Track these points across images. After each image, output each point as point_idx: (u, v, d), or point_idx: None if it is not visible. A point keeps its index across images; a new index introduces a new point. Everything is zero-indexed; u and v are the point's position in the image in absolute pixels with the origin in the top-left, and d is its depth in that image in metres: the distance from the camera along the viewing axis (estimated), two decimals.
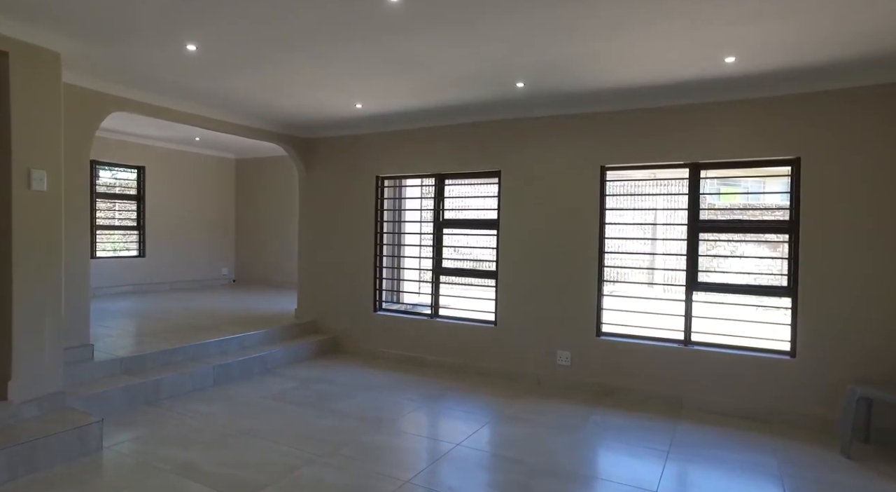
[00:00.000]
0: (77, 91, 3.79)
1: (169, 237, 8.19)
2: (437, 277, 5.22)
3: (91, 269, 7.24)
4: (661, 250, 7.00)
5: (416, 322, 5.27)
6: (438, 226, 5.21)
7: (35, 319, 3.11)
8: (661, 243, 5.48)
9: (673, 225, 4.44)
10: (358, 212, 5.60)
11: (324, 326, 5.82)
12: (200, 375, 4.25)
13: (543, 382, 4.58)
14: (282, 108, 4.80)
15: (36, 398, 3.11)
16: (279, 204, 8.75)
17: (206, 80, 3.91)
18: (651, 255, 4.85)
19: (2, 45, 2.96)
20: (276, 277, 8.75)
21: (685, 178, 4.17)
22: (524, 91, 4.04)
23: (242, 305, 6.72)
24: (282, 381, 4.55)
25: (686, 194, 4.13)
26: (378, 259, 5.54)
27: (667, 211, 4.71)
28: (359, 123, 5.33)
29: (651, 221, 7.58)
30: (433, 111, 4.77)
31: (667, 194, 4.33)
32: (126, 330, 5.08)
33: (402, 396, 4.25)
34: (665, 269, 4.60)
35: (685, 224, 4.14)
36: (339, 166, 5.72)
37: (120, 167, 7.71)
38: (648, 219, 8.10)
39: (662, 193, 4.36)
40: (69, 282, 3.76)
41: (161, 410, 3.74)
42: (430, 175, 5.23)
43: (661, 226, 6.85)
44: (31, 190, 3.06)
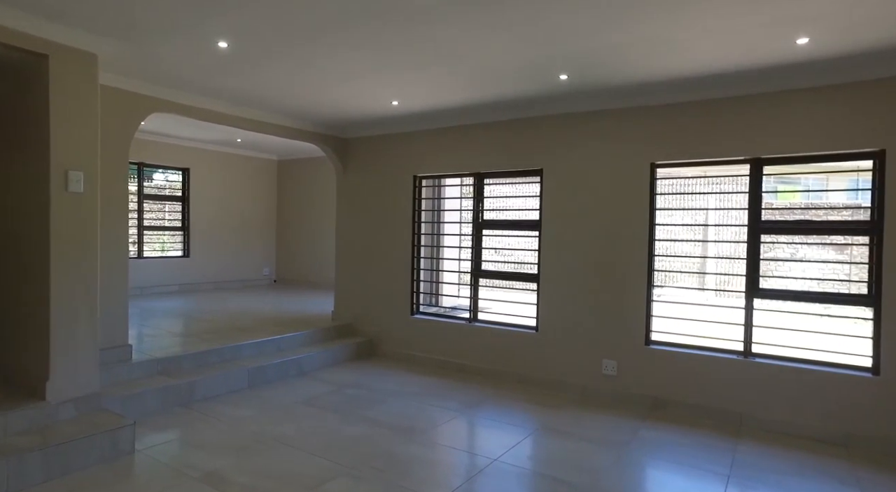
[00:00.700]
0: (116, 93, 3.82)
1: (212, 238, 8.33)
2: (475, 279, 5.03)
3: (138, 269, 7.48)
4: (716, 253, 6.57)
5: (454, 326, 5.09)
6: (477, 227, 5.02)
7: (71, 320, 3.11)
8: (717, 246, 5.12)
9: (730, 226, 4.09)
10: (395, 212, 5.48)
11: (360, 329, 5.72)
12: (235, 377, 4.21)
13: (588, 392, 4.31)
14: (318, 107, 4.72)
15: (72, 399, 3.11)
16: (320, 204, 8.77)
17: (240, 78, 3.87)
18: (705, 258, 4.51)
19: (42, 48, 2.97)
20: (317, 278, 8.76)
21: (743, 175, 3.83)
22: (568, 84, 3.80)
23: (281, 306, 6.72)
24: (316, 384, 4.47)
25: (746, 193, 3.78)
26: (415, 261, 5.40)
27: (722, 211, 4.36)
28: (396, 121, 5.20)
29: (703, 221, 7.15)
30: (472, 108, 4.59)
31: (723, 193, 3.99)
32: (167, 330, 5.13)
33: (437, 403, 4.08)
34: (720, 273, 4.25)
35: (745, 225, 3.80)
36: (377, 166, 5.62)
37: (166, 169, 7.89)
38: (701, 219, 7.66)
39: (718, 192, 4.03)
40: (108, 283, 3.78)
41: (194, 412, 3.71)
42: (469, 174, 5.04)
43: (715, 227, 6.42)
44: (69, 192, 3.06)
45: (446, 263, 5.59)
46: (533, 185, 4.75)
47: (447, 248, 5.50)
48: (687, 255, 4.31)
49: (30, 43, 2.92)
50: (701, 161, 3.93)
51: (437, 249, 5.53)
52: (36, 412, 2.97)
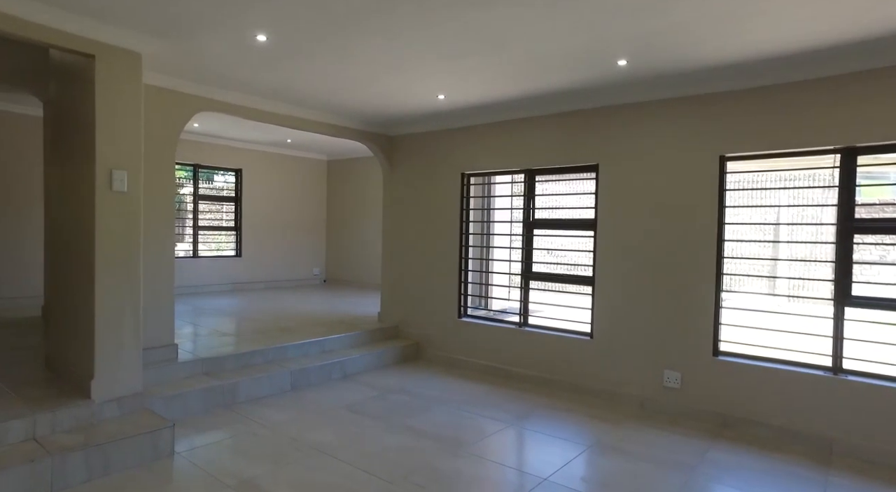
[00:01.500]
0: (162, 93, 3.82)
1: (264, 238, 8.44)
2: (526, 282, 4.77)
3: (193, 268, 7.66)
4: (791, 255, 6.00)
5: (503, 331, 4.85)
6: (528, 226, 4.75)
7: (115, 319, 3.10)
8: (793, 247, 4.62)
9: (812, 225, 3.65)
10: (442, 211, 5.29)
11: (406, 331, 5.57)
12: (278, 379, 4.14)
13: (647, 405, 3.97)
14: (363, 104, 4.60)
15: (116, 398, 3.10)
16: (369, 204, 8.72)
17: (281, 73, 3.79)
18: (780, 260, 4.06)
19: (89, 48, 2.97)
20: (366, 278, 8.73)
21: (826, 167, 3.39)
22: (627, 71, 3.49)
23: (328, 307, 6.68)
24: (359, 389, 4.34)
25: (829, 187, 3.35)
26: (463, 262, 5.19)
27: (797, 208, 3.90)
28: (442, 116, 5.02)
29: (779, 220, 6.54)
30: (521, 100, 4.33)
31: (804, 187, 3.56)
32: (214, 329, 5.15)
33: (484, 412, 3.86)
34: (800, 278, 3.80)
35: (833, 224, 3.36)
36: (423, 164, 5.45)
37: (220, 170, 8.05)
38: (775, 218, 7.03)
39: (799, 187, 3.60)
40: (154, 282, 3.79)
41: (235, 414, 3.65)
42: (520, 171, 4.79)
43: (791, 226, 5.83)
44: (113, 191, 3.05)
45: (495, 264, 5.36)
46: (588, 181, 4.44)
47: (496, 248, 5.26)
48: (760, 257, 3.88)
49: (77, 44, 2.92)
50: (779, 153, 3.52)
51: (485, 250, 5.30)
52: (81, 410, 2.97)
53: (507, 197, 5.16)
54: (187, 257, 7.65)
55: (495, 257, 5.32)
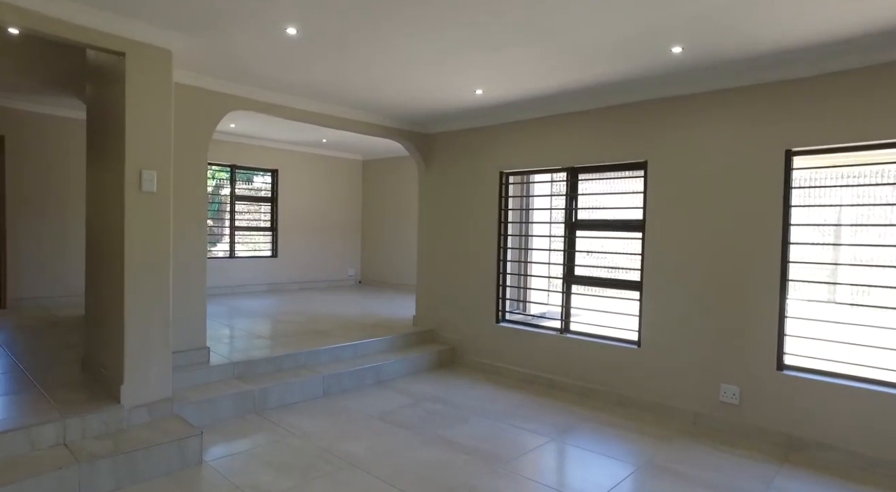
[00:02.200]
0: (194, 91, 3.76)
1: (299, 238, 8.43)
2: (568, 286, 4.52)
3: (229, 268, 7.70)
4: (864, 259, 5.52)
5: (544, 337, 4.61)
6: (570, 227, 4.50)
7: (144, 323, 3.04)
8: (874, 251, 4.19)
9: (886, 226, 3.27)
10: (480, 211, 5.09)
11: (442, 336, 5.40)
12: (310, 384, 4.03)
13: (701, 421, 3.66)
14: (398, 100, 4.45)
15: (146, 403, 3.04)
16: (404, 205, 8.60)
17: (314, 69, 3.66)
18: (854, 266, 3.68)
19: (120, 46, 2.91)
20: (401, 280, 8.61)
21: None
22: (682, 58, 3.21)
23: (363, 309, 6.58)
24: (393, 396, 4.19)
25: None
26: (501, 264, 4.98)
27: (867, 208, 3.53)
28: (480, 113, 4.81)
29: (851, 221, 6.03)
30: (564, 94, 4.09)
31: (873, 185, 3.19)
32: (248, 331, 5.10)
33: (524, 425, 3.64)
34: (881, 286, 3.42)
35: None
36: (460, 162, 5.26)
37: (256, 171, 8.07)
38: (837, 217, 6.49)
39: (867, 184, 3.23)
40: (185, 284, 3.73)
41: (266, 421, 3.54)
42: (561, 169, 4.54)
43: (861, 227, 5.33)
44: (142, 191, 2.98)
45: (534, 266, 5.12)
46: (635, 180, 4.16)
47: (535, 250, 5.03)
48: (836, 263, 3.54)
49: (108, 41, 2.87)
50: (855, 145, 3.16)
51: (524, 252, 5.07)
52: (111, 416, 2.91)
53: (546, 197, 4.92)
54: (224, 258, 7.70)
55: (534, 260, 5.09)
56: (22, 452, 2.63)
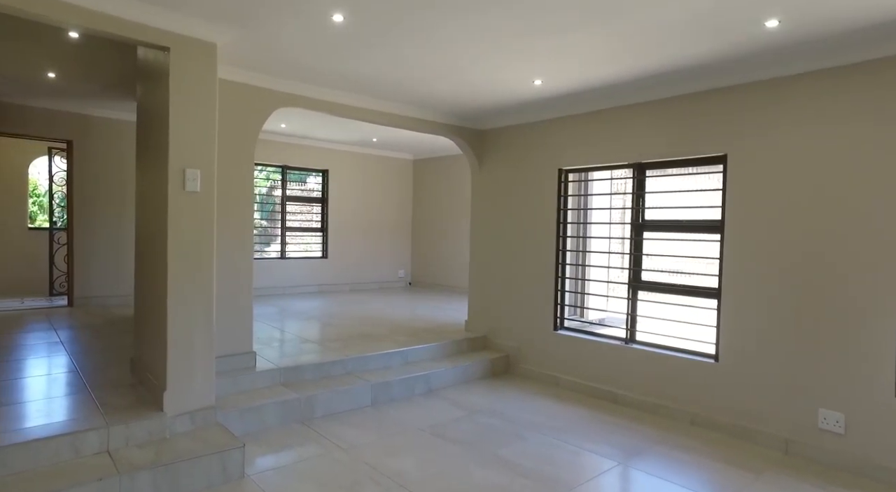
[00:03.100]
0: (240, 88, 3.65)
1: (349, 239, 8.35)
2: (634, 292, 4.14)
3: (280, 269, 7.70)
4: None
5: (606, 347, 4.25)
6: (637, 228, 4.13)
7: (187, 327, 2.93)
8: None
9: None
10: (537, 211, 4.78)
11: (496, 343, 5.12)
12: (358, 393, 3.85)
13: (793, 449, 3.22)
14: (450, 94, 4.21)
15: (188, 412, 2.93)
16: (455, 205, 8.38)
17: (362, 61, 3.48)
18: None
19: (164, 40, 2.82)
20: (451, 282, 8.38)
21: None
22: (777, 34, 2.80)
23: (413, 312, 6.39)
24: (444, 407, 3.95)
25: None
26: (560, 267, 4.65)
27: None
28: (538, 106, 4.51)
29: None
30: (631, 83, 3.73)
31: None
32: (296, 334, 5.00)
33: (587, 445, 3.31)
34: None
35: None
36: (516, 159, 4.97)
37: (307, 171, 8.05)
38: None
39: None
40: (232, 287, 3.63)
41: (312, 432, 3.38)
42: (627, 165, 4.17)
43: None
44: (186, 191, 2.87)
45: (593, 270, 4.76)
46: (712, 176, 3.74)
47: (596, 253, 4.67)
48: None
49: (152, 36, 2.77)
50: None
51: (584, 255, 4.72)
52: (154, 424, 2.81)
53: (609, 195, 4.55)
54: (276, 259, 7.71)
55: (592, 263, 4.73)
56: (66, 458, 2.57)
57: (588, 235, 4.74)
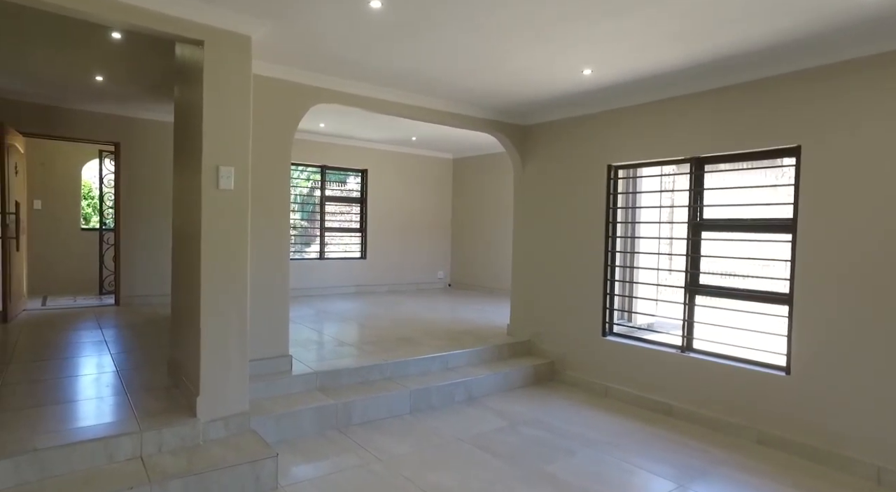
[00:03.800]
0: (274, 83, 3.55)
1: (388, 239, 8.25)
2: (691, 296, 3.83)
3: (319, 270, 7.65)
4: None
5: (660, 355, 3.95)
6: (695, 228, 3.82)
7: (220, 332, 2.83)
8: None
9: None
10: (584, 210, 4.52)
11: (539, 348, 4.88)
12: (396, 399, 3.69)
13: (888, 479, 2.85)
14: (494, 88, 4.01)
15: (222, 417, 2.83)
16: (496, 205, 8.15)
17: (402, 53, 3.32)
18: None
19: (198, 33, 2.73)
20: (491, 284, 8.16)
21: None
22: (873, 5, 2.47)
23: (453, 315, 6.21)
24: (486, 416, 3.75)
25: None
26: (609, 270, 4.37)
27: None
28: (586, 98, 4.24)
29: None
30: (693, 70, 3.43)
31: None
32: (334, 337, 4.89)
33: (643, 462, 3.05)
34: None
35: None
36: (561, 156, 4.72)
37: (346, 171, 8.00)
38: None
39: None
40: (268, 288, 3.53)
41: (349, 440, 3.24)
42: (684, 160, 3.87)
43: None
44: (219, 189, 2.78)
45: (643, 272, 4.46)
46: (782, 169, 3.41)
47: (647, 254, 4.37)
48: None
49: (186, 29, 2.69)
50: None
51: (631, 256, 4.43)
52: (187, 430, 2.72)
53: (658, 192, 4.24)
54: (315, 259, 7.68)
55: (642, 265, 4.43)
56: (100, 463, 2.51)
57: (637, 236, 4.43)
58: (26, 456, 2.36)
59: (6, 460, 2.31)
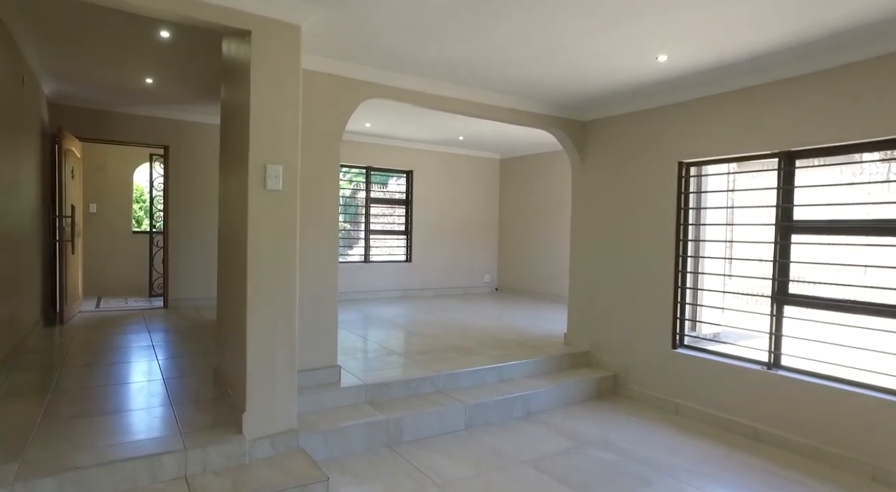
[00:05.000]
0: (323, 78, 3.36)
1: (433, 242, 8.03)
2: (779, 306, 3.42)
3: (364, 273, 7.49)
4: None
5: (742, 371, 3.55)
6: (784, 230, 3.40)
7: (268, 343, 2.64)
8: None
9: None
10: (651, 211, 4.15)
11: (600, 360, 4.53)
12: (450, 414, 3.44)
13: None
14: (554, 80, 3.71)
15: (269, 435, 2.64)
16: (545, 206, 7.81)
17: (456, 41, 3.07)
18: None
19: (245, 23, 2.56)
20: (540, 288, 7.82)
21: None
22: None
23: (502, 321, 5.91)
24: (547, 435, 3.44)
25: None
26: (680, 275, 3.99)
27: None
28: (657, 89, 3.89)
29: None
30: (788, 52, 3.04)
31: None
32: (381, 345, 4.68)
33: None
34: None
35: None
36: (625, 153, 4.37)
37: (391, 173, 7.82)
38: None
39: None
40: (316, 295, 3.34)
41: (400, 459, 3.00)
42: (771, 154, 3.46)
43: None
44: (267, 189, 2.60)
45: (714, 279, 4.05)
46: (883, 164, 2.97)
47: (720, 259, 3.96)
48: None
49: (234, 19, 2.52)
50: None
51: (700, 261, 4.03)
52: (233, 448, 2.55)
53: (726, 191, 3.84)
54: (359, 262, 7.53)
55: (711, 270, 4.03)
56: (143, 483, 2.37)
57: (697, 239, 4.03)
58: (70, 474, 2.24)
59: (50, 478, 2.20)
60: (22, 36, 3.67)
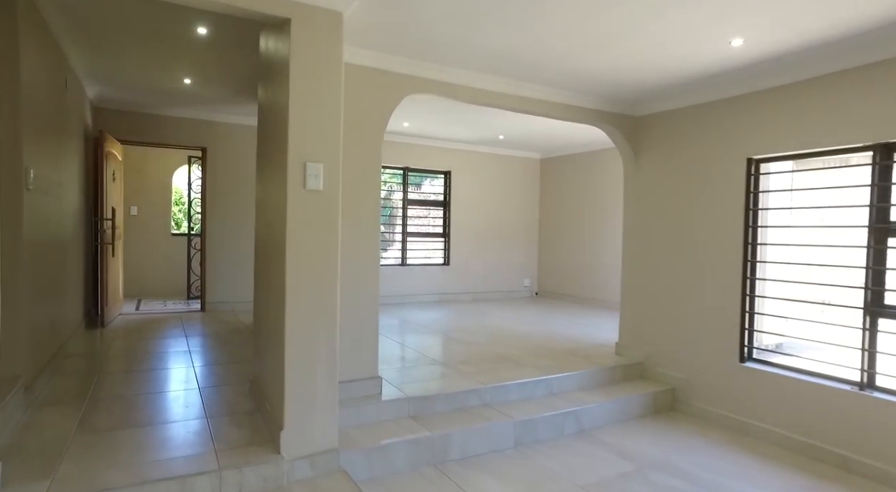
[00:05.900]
0: (365, 73, 3.17)
1: (472, 245, 7.78)
2: (873, 319, 3.04)
3: (401, 277, 7.29)
4: None
5: (828, 391, 3.18)
6: (878, 233, 3.03)
7: (307, 355, 2.46)
8: None
9: None
10: (714, 211, 3.82)
11: (656, 372, 4.20)
12: (498, 432, 3.19)
13: None
14: (605, 71, 3.42)
15: (308, 455, 2.45)
16: (589, 208, 7.47)
17: (505, 30, 2.82)
18: None
19: (283, 10, 2.39)
20: (582, 293, 7.48)
21: None
22: None
23: (546, 327, 5.62)
24: (604, 455, 3.15)
25: None
26: (749, 281, 3.64)
27: None
28: (725, 78, 3.55)
29: None
30: (877, 31, 2.68)
31: None
32: (422, 353, 4.46)
33: None
34: None
35: None
36: (684, 149, 4.03)
37: (429, 174, 7.62)
38: None
39: None
40: (355, 301, 3.14)
41: (448, 481, 2.76)
42: (862, 148, 3.09)
43: None
44: (307, 189, 2.41)
45: (789, 286, 3.67)
46: None
47: (797, 265, 3.59)
48: None
49: (270, 5, 2.35)
50: None
51: (762, 266, 3.66)
52: (269, 469, 2.37)
53: (802, 189, 3.46)
54: (396, 265, 7.35)
55: (795, 279, 3.65)
56: None
57: (761, 242, 3.66)
58: None
59: None
60: (64, 37, 3.61)
